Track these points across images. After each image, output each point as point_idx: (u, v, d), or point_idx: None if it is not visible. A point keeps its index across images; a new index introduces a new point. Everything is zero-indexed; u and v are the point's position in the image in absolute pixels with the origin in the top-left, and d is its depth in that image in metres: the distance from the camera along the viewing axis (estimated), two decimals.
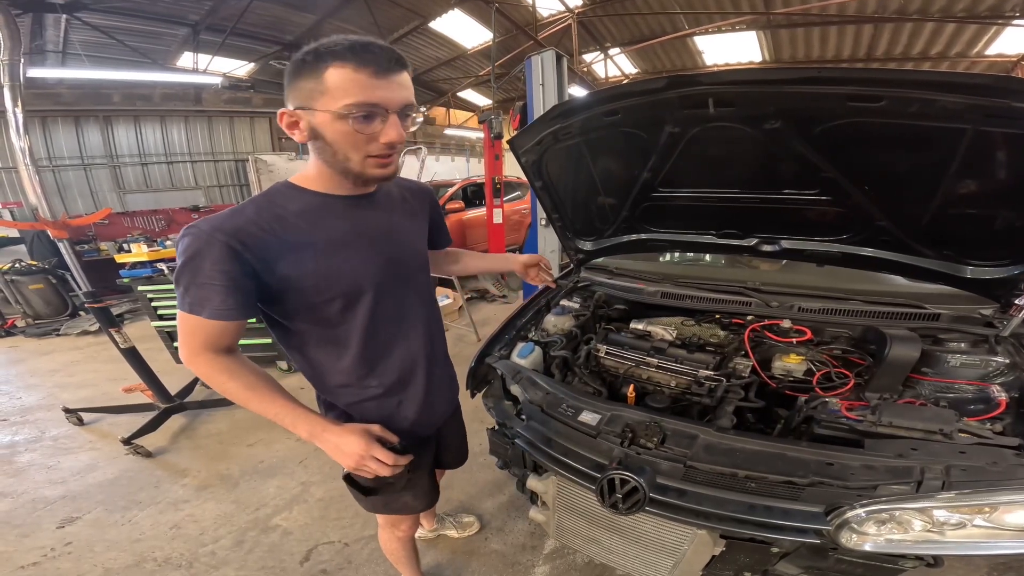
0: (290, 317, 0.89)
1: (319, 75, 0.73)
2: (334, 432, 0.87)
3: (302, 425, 0.86)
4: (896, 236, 1.30)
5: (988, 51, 6.86)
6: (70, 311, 5.29)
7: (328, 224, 0.86)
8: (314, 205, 0.86)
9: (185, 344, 0.83)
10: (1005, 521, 0.84)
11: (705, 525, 0.97)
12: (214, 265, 0.75)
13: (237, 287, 0.77)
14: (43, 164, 7.39)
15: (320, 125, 0.76)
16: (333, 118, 0.74)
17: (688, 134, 1.29)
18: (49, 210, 2.34)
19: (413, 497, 1.16)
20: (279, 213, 0.82)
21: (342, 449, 0.86)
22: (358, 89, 0.72)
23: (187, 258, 0.76)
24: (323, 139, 0.77)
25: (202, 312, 0.77)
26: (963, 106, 0.91)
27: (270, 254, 0.80)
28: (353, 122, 0.74)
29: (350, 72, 0.72)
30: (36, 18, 6.94)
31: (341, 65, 0.72)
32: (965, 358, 1.21)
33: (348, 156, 0.79)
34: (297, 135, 0.79)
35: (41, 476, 2.43)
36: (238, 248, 0.76)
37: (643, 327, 1.58)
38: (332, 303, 0.87)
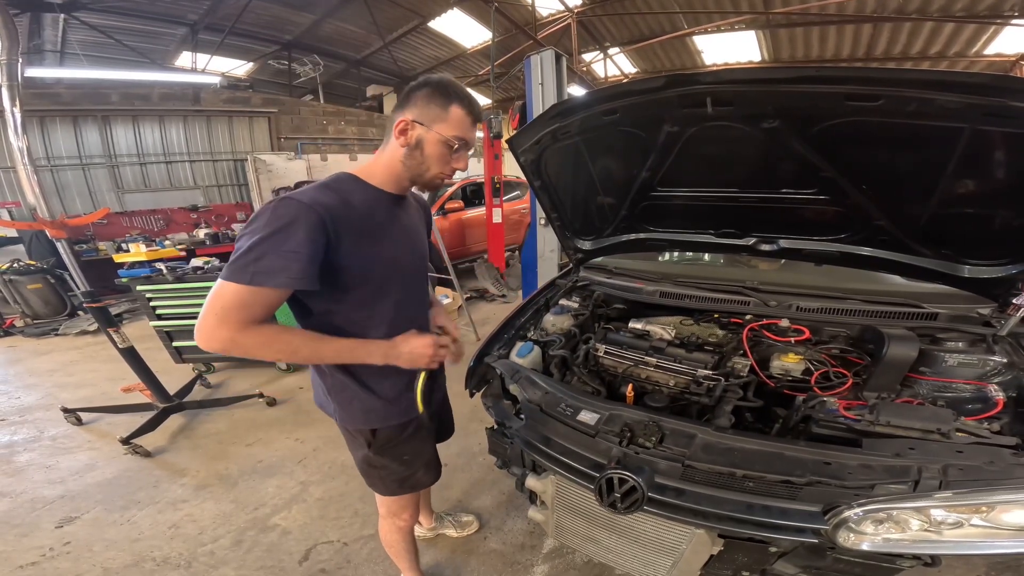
0: (321, 295, 0.93)
1: (447, 107, 0.94)
2: (401, 344, 1.00)
3: (376, 350, 0.98)
4: (894, 235, 1.30)
5: (987, 51, 6.87)
6: (68, 311, 5.28)
7: (380, 214, 1.01)
8: (372, 197, 1.00)
9: (229, 321, 0.83)
10: (1002, 520, 0.84)
11: (703, 524, 0.97)
12: (308, 233, 0.83)
13: (316, 257, 0.85)
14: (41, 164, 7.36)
15: (428, 140, 0.95)
16: (441, 140, 0.95)
17: (687, 133, 1.29)
18: (47, 210, 2.34)
19: (425, 471, 1.27)
20: (347, 199, 0.94)
21: (418, 352, 1.00)
22: (464, 128, 0.97)
23: (282, 225, 0.82)
24: (422, 150, 0.96)
25: (271, 280, 0.81)
26: (960, 105, 0.91)
27: (342, 232, 0.90)
28: (450, 149, 0.97)
29: (464, 115, 0.96)
30: (34, 17, 6.94)
31: (461, 107, 0.95)
32: (963, 357, 1.21)
33: (430, 168, 0.99)
34: (402, 140, 0.96)
35: (40, 476, 2.43)
36: (328, 222, 0.86)
37: (642, 326, 1.58)
38: (368, 284, 0.99)
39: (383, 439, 1.15)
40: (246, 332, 0.84)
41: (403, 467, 1.21)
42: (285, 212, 0.82)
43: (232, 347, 0.85)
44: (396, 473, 1.21)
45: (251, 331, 0.84)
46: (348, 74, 11.15)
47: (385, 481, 1.23)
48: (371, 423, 1.13)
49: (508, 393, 1.40)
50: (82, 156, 8.03)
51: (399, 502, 1.31)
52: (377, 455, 1.17)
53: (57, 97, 7.50)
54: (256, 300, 0.83)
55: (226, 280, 0.82)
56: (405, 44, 9.91)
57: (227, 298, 0.82)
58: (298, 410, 3.02)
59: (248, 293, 0.81)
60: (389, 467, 1.20)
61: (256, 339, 0.86)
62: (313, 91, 11.01)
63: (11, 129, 2.20)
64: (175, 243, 5.78)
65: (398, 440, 1.17)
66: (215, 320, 0.83)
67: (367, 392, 1.09)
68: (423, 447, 1.25)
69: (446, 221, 5.71)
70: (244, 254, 0.81)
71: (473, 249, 6.15)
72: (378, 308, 1.02)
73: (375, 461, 1.19)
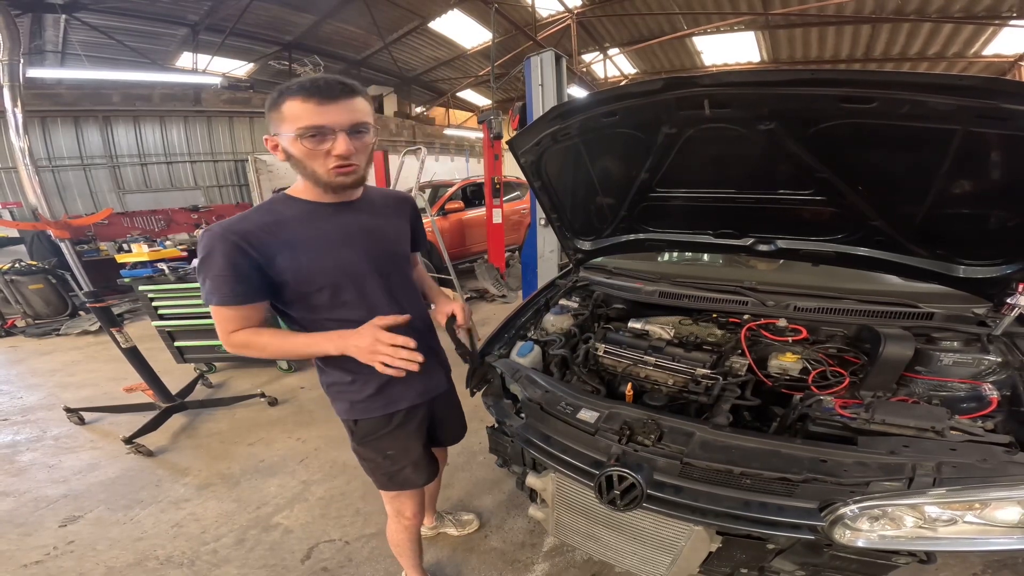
0: (289, 306, 1.05)
1: (279, 108, 0.91)
2: (354, 336, 0.99)
3: (327, 344, 1.00)
4: (890, 236, 1.31)
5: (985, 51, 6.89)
6: (70, 311, 5.29)
7: (317, 226, 1.02)
8: (305, 211, 1.03)
9: (218, 328, 1.01)
10: (996, 517, 0.85)
11: (702, 521, 0.99)
12: (224, 259, 0.92)
13: (244, 277, 0.95)
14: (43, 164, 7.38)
15: (287, 146, 0.94)
16: (293, 140, 0.92)
17: (684, 135, 1.30)
18: (49, 210, 2.35)
19: (413, 469, 1.26)
20: (278, 218, 1.00)
21: (360, 346, 0.97)
22: (306, 116, 0.89)
23: (204, 255, 0.94)
24: (293, 157, 0.95)
25: (214, 300, 0.95)
26: (953, 107, 0.92)
27: (270, 251, 0.96)
28: (306, 141, 0.91)
29: (299, 103, 0.89)
30: (35, 18, 6.94)
31: (293, 99, 0.90)
32: (958, 357, 1.22)
33: (314, 169, 0.95)
34: (279, 156, 0.97)
35: (43, 475, 2.44)
36: (244, 246, 0.94)
37: (641, 326, 1.59)
38: (322, 292, 1.03)
39: (363, 431, 1.19)
40: (231, 337, 1.01)
41: (387, 462, 1.23)
42: (205, 243, 0.94)
43: (229, 350, 1.03)
44: (382, 468, 1.24)
45: (235, 336, 1.01)
46: (348, 75, 11.09)
47: (375, 473, 1.27)
48: (353, 414, 1.17)
49: (508, 392, 1.41)
50: (83, 156, 8.05)
51: (399, 499, 1.32)
52: (360, 447, 1.22)
53: (58, 97, 7.53)
54: (220, 315, 0.98)
55: None
56: (405, 45, 9.92)
57: (214, 314, 0.99)
58: (299, 410, 3.04)
59: (217, 312, 0.98)
60: (374, 460, 1.23)
61: (239, 340, 1.01)
62: None
63: (12, 129, 2.21)
64: (176, 243, 5.79)
65: (380, 434, 1.19)
66: (217, 322, 1.01)
67: (349, 384, 1.13)
68: (409, 444, 1.24)
69: (446, 221, 5.72)
70: (198, 278, 0.98)
71: (473, 249, 6.16)
72: (342, 313, 1.06)
73: (361, 453, 1.24)
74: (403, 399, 1.18)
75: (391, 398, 1.16)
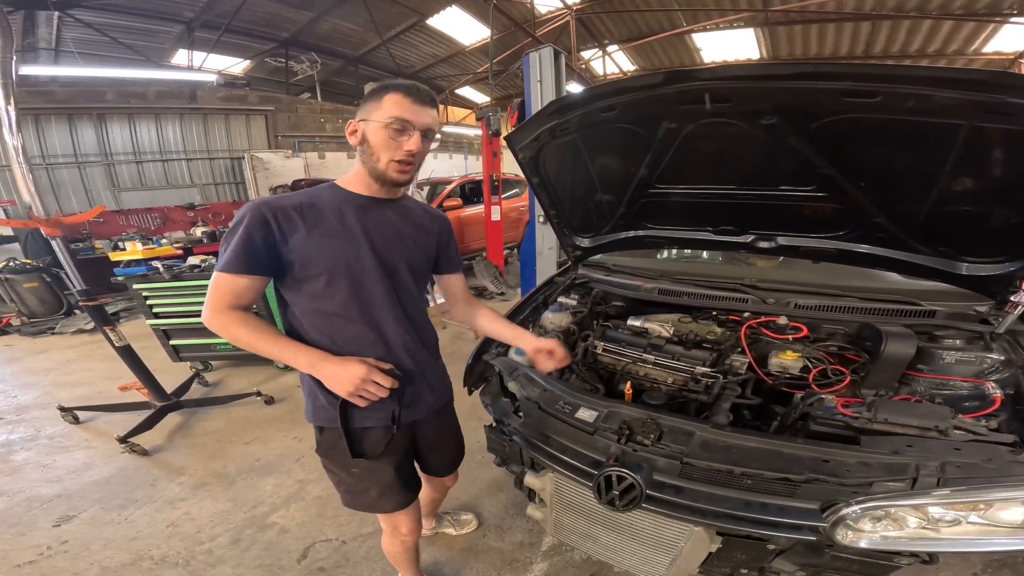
0: (289, 288, 1.04)
1: (381, 98, 1.00)
2: (333, 361, 0.98)
3: (301, 357, 0.99)
4: (892, 233, 1.29)
5: (985, 49, 6.87)
6: (65, 309, 5.25)
7: (342, 214, 1.04)
8: (341, 199, 1.05)
9: (209, 303, 0.98)
10: (1000, 518, 0.84)
11: (702, 522, 0.97)
12: (245, 228, 0.94)
13: (254, 248, 0.95)
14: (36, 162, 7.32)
15: (370, 132, 1.00)
16: (379, 126, 0.99)
17: (685, 130, 1.28)
18: (43, 208, 2.33)
19: (380, 494, 1.17)
20: (314, 202, 1.03)
21: (342, 375, 0.96)
22: (400, 109, 0.98)
23: (234, 222, 0.96)
24: (368, 142, 1.01)
25: (226, 267, 0.95)
26: (959, 102, 0.90)
27: (291, 230, 0.99)
28: (391, 131, 0.98)
29: (399, 97, 0.99)
30: (28, 15, 6.88)
31: (395, 93, 0.99)
32: (960, 355, 1.21)
33: (380, 157, 1.01)
34: (353, 140, 1.03)
35: (37, 474, 2.42)
36: (270, 218, 0.96)
37: (640, 324, 1.57)
38: (318, 278, 1.02)
39: (328, 442, 1.12)
40: (219, 315, 0.98)
41: (352, 480, 1.15)
42: (240, 213, 0.97)
43: (210, 325, 0.99)
44: (346, 484, 1.17)
45: (220, 314, 0.98)
46: (346, 72, 11.10)
47: (340, 488, 1.19)
48: (319, 420, 1.11)
49: (507, 391, 1.40)
50: (77, 154, 7.99)
51: (392, 517, 1.26)
52: (322, 456, 1.15)
53: (52, 95, 7.46)
54: (223, 284, 0.97)
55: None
56: (403, 41, 9.87)
57: (212, 282, 0.98)
58: (296, 408, 3.02)
59: (218, 278, 0.96)
60: (338, 475, 1.17)
61: (221, 320, 0.98)
62: (311, 89, 10.97)
63: (5, 127, 2.18)
64: (172, 241, 5.75)
65: (343, 447, 1.07)
66: (206, 300, 0.99)
67: (320, 388, 1.04)
68: (378, 467, 1.13)
69: None
70: (220, 247, 0.98)
71: (472, 247, 6.14)
72: (326, 303, 1.03)
73: (325, 463, 1.17)
74: (369, 418, 1.08)
75: (358, 413, 1.06)
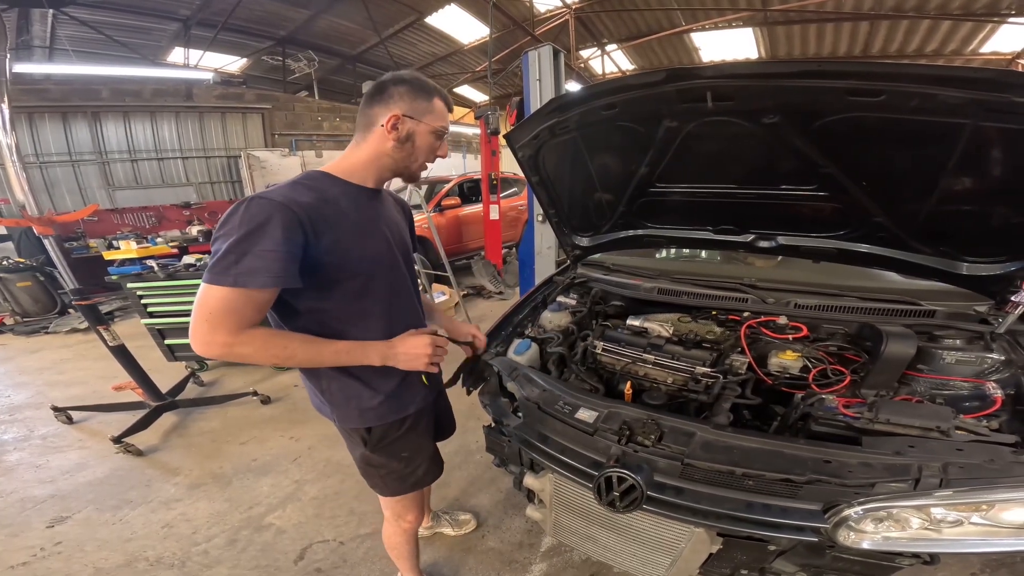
0: (307, 295, 0.94)
1: (431, 100, 1.00)
2: (399, 344, 1.00)
3: (373, 352, 0.98)
4: (893, 232, 1.29)
5: (983, 49, 6.90)
6: (59, 309, 5.21)
7: (360, 210, 1.00)
8: (348, 192, 1.00)
9: (221, 326, 0.82)
10: (1002, 519, 0.84)
11: (702, 523, 0.97)
12: (284, 232, 0.82)
13: (294, 256, 0.85)
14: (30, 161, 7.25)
15: (418, 132, 0.99)
16: (429, 130, 1.00)
17: (686, 129, 1.27)
18: (36, 207, 2.31)
19: (427, 467, 1.26)
20: (325, 196, 0.94)
21: (414, 352, 0.99)
22: (445, 118, 1.03)
23: (256, 225, 0.81)
24: (412, 142, 1.00)
25: (253, 281, 0.80)
26: (963, 101, 0.90)
27: (321, 229, 0.90)
28: (436, 138, 1.03)
29: (443, 105, 1.03)
30: (22, 13, 6.82)
31: (441, 100, 1.02)
32: (961, 355, 1.20)
33: (418, 158, 1.03)
34: (393, 134, 0.97)
35: (30, 475, 2.40)
36: (304, 220, 0.86)
37: (640, 323, 1.56)
38: (355, 279, 0.98)
39: (378, 436, 1.14)
40: (241, 336, 0.84)
41: (402, 464, 1.20)
42: (258, 211, 0.81)
43: (229, 352, 0.84)
44: (396, 471, 1.20)
45: (246, 335, 0.84)
46: (343, 70, 11.06)
47: (387, 480, 1.22)
48: (367, 421, 1.11)
49: (506, 391, 1.39)
50: (72, 153, 7.92)
51: (403, 503, 1.29)
52: (374, 453, 1.16)
53: (46, 93, 7.38)
54: (243, 303, 0.82)
55: (210, 284, 0.81)
56: (401, 40, 9.84)
57: (214, 303, 0.81)
58: (293, 408, 3.00)
59: (234, 296, 0.81)
60: (388, 465, 1.19)
61: (252, 343, 0.85)
62: (308, 87, 10.91)
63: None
64: (167, 240, 5.70)
65: (394, 436, 1.15)
66: (208, 327, 0.82)
67: (361, 389, 1.07)
68: (422, 443, 1.24)
69: (443, 218, 5.68)
70: (223, 257, 0.80)
71: (470, 246, 6.12)
72: (367, 304, 1.02)
73: (373, 460, 1.18)
74: (413, 402, 1.16)
75: (403, 402, 1.13)
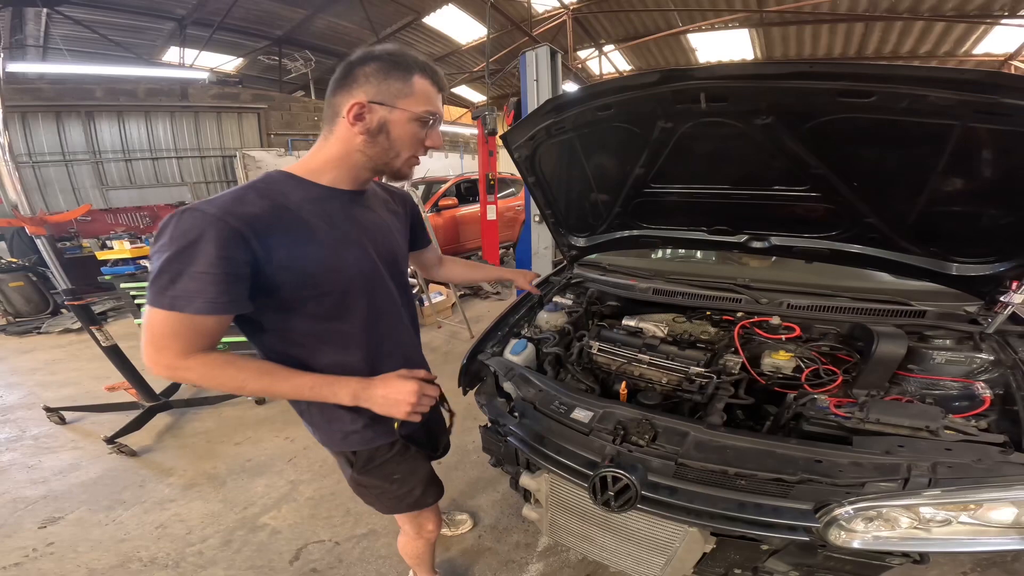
0: (270, 309, 0.82)
1: (409, 78, 0.80)
2: (378, 385, 0.85)
3: (343, 389, 0.84)
4: (884, 233, 1.30)
5: (976, 50, 6.96)
6: (51, 309, 5.17)
7: (329, 216, 0.85)
8: (316, 196, 0.85)
9: (166, 349, 0.73)
10: (990, 518, 0.85)
11: (696, 523, 0.97)
12: (220, 251, 0.70)
13: (238, 277, 0.73)
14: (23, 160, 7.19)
15: (394, 121, 0.82)
16: (410, 118, 0.82)
17: (680, 129, 1.28)
18: (29, 206, 2.29)
19: (424, 489, 1.16)
20: (283, 202, 0.80)
21: (395, 397, 0.84)
22: (432, 100, 0.84)
23: (186, 243, 0.69)
24: (388, 134, 0.82)
25: (190, 306, 0.71)
26: (952, 102, 0.91)
27: (276, 243, 0.77)
28: (418, 125, 0.83)
29: (429, 84, 0.83)
30: (16, 12, 6.77)
31: (424, 77, 0.82)
32: (950, 355, 1.21)
33: (400, 152, 0.85)
34: (359, 126, 0.81)
35: (22, 475, 2.38)
36: (247, 235, 0.73)
37: (635, 324, 1.57)
38: (326, 297, 0.85)
39: (365, 458, 1.04)
40: (187, 361, 0.75)
41: (396, 486, 1.10)
42: (189, 227, 0.70)
43: (173, 376, 0.77)
44: (390, 492, 1.11)
45: (192, 360, 0.75)
46: None
47: (381, 499, 1.14)
48: (351, 445, 1.01)
49: (502, 391, 1.39)
50: (65, 152, 7.86)
51: (422, 514, 1.23)
52: (362, 475, 1.06)
53: (39, 92, 7.32)
54: (185, 327, 0.72)
55: (150, 305, 0.72)
56: (399, 40, 9.81)
57: (156, 326, 0.73)
58: (288, 408, 2.94)
59: (173, 320, 0.72)
60: (380, 486, 1.10)
61: (197, 370, 0.76)
62: (304, 87, 10.87)
63: None
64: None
65: (383, 459, 1.04)
66: (152, 349, 0.74)
67: (343, 412, 0.95)
68: (416, 465, 1.12)
69: (440, 218, 5.67)
70: (158, 276, 0.71)
71: (467, 246, 6.12)
72: (341, 326, 0.89)
73: (363, 481, 1.08)
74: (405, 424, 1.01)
75: (390, 425, 0.97)
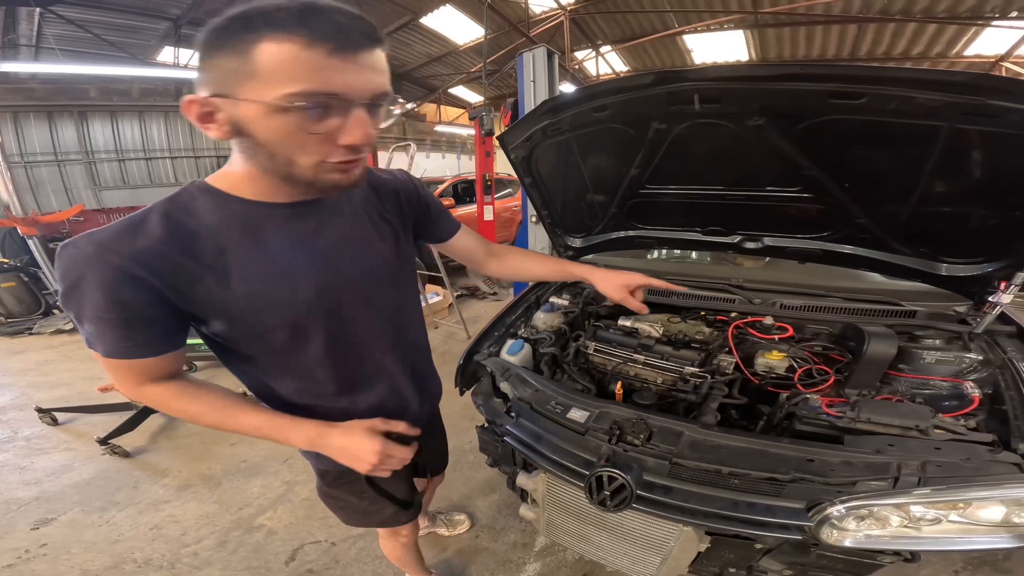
0: (229, 341, 0.73)
1: (245, 51, 0.51)
2: (338, 435, 0.76)
3: (295, 434, 0.76)
4: (874, 233, 1.31)
5: (967, 52, 7.03)
6: (43, 309, 5.10)
7: (262, 241, 0.67)
8: (242, 217, 0.66)
9: (117, 380, 0.70)
10: (979, 517, 0.86)
11: (691, 522, 0.98)
12: (107, 296, 0.58)
13: (141, 320, 0.62)
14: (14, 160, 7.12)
15: (248, 120, 0.55)
16: (268, 111, 0.53)
17: (675, 130, 1.29)
18: (21, 207, 2.27)
19: (395, 510, 1.07)
20: (194, 228, 0.64)
21: (354, 452, 0.76)
22: (308, 73, 0.51)
23: (69, 284, 0.59)
24: (253, 138, 0.57)
25: (100, 348, 0.64)
26: (940, 103, 0.92)
27: (185, 279, 0.63)
28: (300, 118, 0.53)
29: (297, 49, 0.50)
30: (8, 11, 6.69)
31: (283, 38, 0.50)
32: (940, 355, 1.23)
33: (292, 160, 0.59)
34: (214, 131, 0.57)
35: (14, 477, 2.36)
36: (139, 273, 0.59)
37: (631, 324, 1.58)
38: (275, 332, 0.72)
39: (334, 475, 0.99)
40: (142, 391, 0.71)
41: (365, 502, 1.03)
42: (69, 267, 0.59)
43: (142, 401, 0.74)
44: (356, 507, 1.06)
45: (147, 389, 0.71)
46: None
47: (346, 512, 1.08)
48: (323, 463, 0.95)
49: (499, 391, 1.39)
50: (57, 152, 7.80)
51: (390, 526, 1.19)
52: (331, 488, 1.02)
53: (31, 92, 7.27)
54: (114, 367, 0.67)
55: None
56: (396, 40, 9.78)
57: (106, 365, 0.67)
58: None
59: (114, 365, 0.66)
60: (346, 500, 1.05)
61: (154, 399, 0.72)
62: None
63: None
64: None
65: (355, 476, 0.85)
66: (111, 376, 0.70)
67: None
68: (393, 484, 1.02)
69: None
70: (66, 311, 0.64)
71: None
72: (299, 356, 0.76)
73: (331, 492, 1.04)
74: None
75: None
